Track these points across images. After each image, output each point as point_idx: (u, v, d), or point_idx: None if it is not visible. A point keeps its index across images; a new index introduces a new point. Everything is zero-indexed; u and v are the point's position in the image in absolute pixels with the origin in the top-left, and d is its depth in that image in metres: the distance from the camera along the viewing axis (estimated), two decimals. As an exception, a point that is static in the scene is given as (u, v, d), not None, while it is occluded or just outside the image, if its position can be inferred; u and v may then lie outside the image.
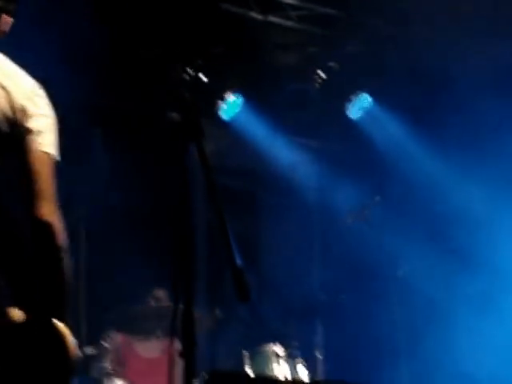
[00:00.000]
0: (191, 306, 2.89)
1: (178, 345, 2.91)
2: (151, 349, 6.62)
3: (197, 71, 3.25)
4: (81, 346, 5.79)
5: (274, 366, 5.86)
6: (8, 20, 3.13)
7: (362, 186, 7.40)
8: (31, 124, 3.04)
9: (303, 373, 5.93)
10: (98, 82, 6.88)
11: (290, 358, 5.96)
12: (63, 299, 3.02)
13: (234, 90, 7.43)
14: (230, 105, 7.49)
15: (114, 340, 6.31)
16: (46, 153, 3.05)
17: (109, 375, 5.86)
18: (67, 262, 3.00)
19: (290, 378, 5.85)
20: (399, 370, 6.64)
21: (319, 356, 6.52)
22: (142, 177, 7.48)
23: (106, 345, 6.07)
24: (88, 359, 6.06)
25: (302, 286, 7.73)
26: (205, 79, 3.31)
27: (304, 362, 6.00)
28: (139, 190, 7.49)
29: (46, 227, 2.99)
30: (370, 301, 7.37)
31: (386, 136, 7.69)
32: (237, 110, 7.53)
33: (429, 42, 7.14)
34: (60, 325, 2.98)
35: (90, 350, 6.01)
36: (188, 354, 2.92)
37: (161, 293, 6.79)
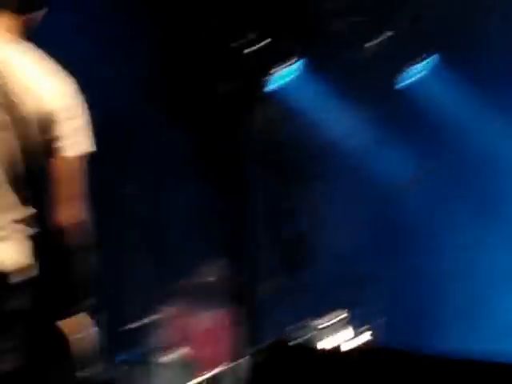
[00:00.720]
0: (253, 275, 2.86)
1: (237, 314, 2.92)
2: (208, 319, 6.63)
3: (250, 42, 3.17)
4: (137, 318, 5.81)
5: (338, 334, 5.86)
6: (32, 17, 3.16)
7: (415, 153, 7.42)
8: (60, 127, 3.03)
9: (367, 340, 5.96)
10: (150, 56, 6.90)
11: (353, 325, 5.96)
12: (83, 295, 3.14)
13: (286, 60, 7.32)
14: (283, 74, 7.38)
15: (170, 311, 6.39)
16: (75, 156, 3.06)
17: (160, 347, 5.95)
18: (92, 259, 3.12)
19: (354, 345, 5.81)
20: (463, 336, 6.64)
21: (382, 323, 6.46)
22: (196, 149, 7.50)
23: (162, 316, 6.15)
24: (146, 331, 6.15)
25: (356, 255, 7.69)
26: (257, 49, 3.24)
27: (368, 330, 6.02)
28: (193, 162, 7.51)
29: (71, 229, 3.04)
30: (428, 268, 7.33)
31: (439, 103, 7.64)
32: (289, 80, 7.44)
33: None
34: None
35: (146, 322, 6.12)
36: (249, 323, 2.91)
37: (214, 265, 6.84)
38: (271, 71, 7.27)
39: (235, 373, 2.87)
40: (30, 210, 3.00)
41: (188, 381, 5.73)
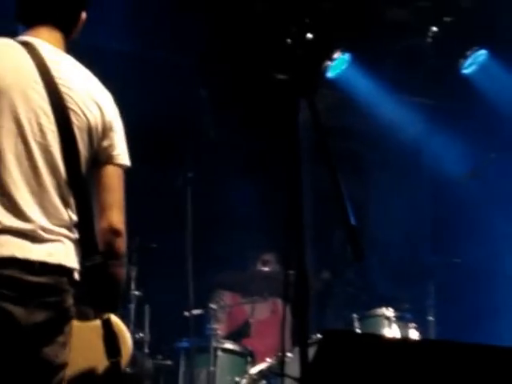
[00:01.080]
0: (304, 268, 2.93)
1: (289, 307, 2.97)
2: (260, 310, 6.74)
3: (304, 30, 3.26)
4: (190, 308, 5.94)
5: (385, 329, 5.84)
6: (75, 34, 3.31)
7: (475, 143, 7.28)
8: (113, 137, 3.16)
9: (415, 336, 5.87)
10: (207, 45, 7.00)
11: (401, 322, 5.91)
12: (118, 299, 3.19)
13: (342, 48, 7.39)
14: (338, 63, 7.44)
15: (223, 301, 6.47)
16: (119, 165, 3.18)
17: (217, 336, 5.95)
18: (125, 266, 3.24)
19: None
20: None
21: (431, 319, 6.43)
22: (250, 137, 7.55)
23: (214, 306, 6.16)
24: (197, 321, 6.14)
25: (412, 248, 7.69)
26: (312, 37, 3.31)
27: (416, 326, 5.94)
28: (246, 151, 7.58)
29: (116, 235, 3.13)
30: (484, 261, 7.26)
31: (501, 91, 7.50)
32: (344, 68, 7.47)
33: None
34: (119, 321, 3.17)
35: (198, 312, 6.11)
36: (301, 316, 2.96)
37: (269, 256, 6.92)
38: (327, 60, 7.39)
39: (297, 360, 2.94)
40: (75, 216, 3.06)
41: (248, 368, 5.82)
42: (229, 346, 5.92)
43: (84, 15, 3.30)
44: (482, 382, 3.01)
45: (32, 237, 2.93)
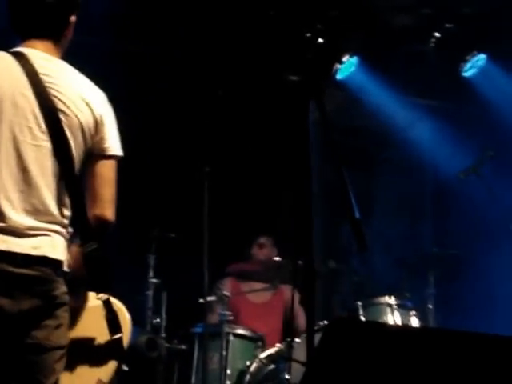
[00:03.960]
0: (311, 258, 2.93)
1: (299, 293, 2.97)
2: (262, 295, 6.73)
3: (315, 35, 3.25)
4: (204, 294, 5.95)
5: (388, 316, 5.83)
6: (66, 43, 3.34)
7: (475, 142, 7.23)
8: (104, 132, 3.20)
9: (416, 323, 5.87)
10: (217, 46, 6.97)
11: (403, 309, 5.90)
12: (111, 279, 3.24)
13: (350, 52, 7.37)
14: (346, 65, 7.42)
15: (225, 287, 6.47)
16: (111, 156, 3.22)
17: (228, 322, 5.93)
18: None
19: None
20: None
21: (431, 307, 6.42)
22: (261, 135, 7.55)
23: (226, 293, 6.16)
24: (209, 307, 6.15)
25: (414, 240, 7.68)
26: (322, 41, 3.31)
27: (416, 313, 5.93)
28: (259, 147, 7.58)
29: (106, 225, 3.20)
30: (482, 254, 7.22)
31: (500, 94, 7.47)
32: (352, 71, 7.45)
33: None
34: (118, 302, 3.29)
35: (210, 299, 6.08)
36: (309, 303, 2.97)
37: (265, 240, 6.89)
38: (335, 63, 7.35)
39: (304, 345, 2.94)
40: (68, 212, 3.13)
41: (259, 352, 5.81)
42: (240, 331, 5.91)
43: (73, 18, 3.33)
44: (479, 369, 3.01)
45: (15, 233, 2.99)
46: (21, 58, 3.14)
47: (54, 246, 3.06)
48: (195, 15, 6.76)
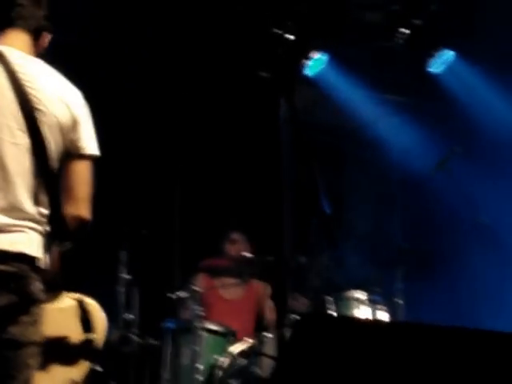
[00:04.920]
0: (282, 254, 2.95)
1: (265, 288, 2.98)
2: (234, 290, 6.73)
3: (285, 32, 3.26)
4: (175, 289, 5.94)
5: (356, 310, 5.87)
6: (49, 37, 3.35)
7: (443, 138, 7.30)
8: (80, 131, 3.21)
9: (384, 318, 5.92)
10: (187, 44, 6.95)
11: (373, 304, 5.95)
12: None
13: (319, 48, 7.36)
14: (316, 62, 7.41)
15: (197, 283, 6.41)
16: (86, 155, 3.23)
17: (200, 317, 5.90)
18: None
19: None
20: (481, 317, 6.57)
21: (400, 302, 6.43)
22: (232, 132, 7.56)
23: (197, 288, 6.17)
24: (181, 302, 6.18)
25: (383, 236, 7.72)
26: (292, 38, 3.32)
27: (385, 308, 5.98)
28: (229, 144, 7.58)
29: (82, 224, 3.21)
30: (451, 248, 7.30)
31: (467, 90, 7.54)
32: (322, 68, 7.44)
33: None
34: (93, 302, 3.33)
35: (182, 294, 6.11)
36: (280, 297, 2.99)
37: (236, 235, 6.89)
38: (305, 60, 7.33)
39: (275, 340, 2.96)
40: (45, 210, 3.12)
41: (230, 347, 5.77)
42: (212, 326, 5.89)
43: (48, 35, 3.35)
44: (447, 361, 3.04)
45: None
46: None
47: (30, 242, 3.06)
48: (163, 14, 6.75)
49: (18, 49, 3.21)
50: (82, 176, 3.20)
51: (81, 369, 3.24)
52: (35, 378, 3.09)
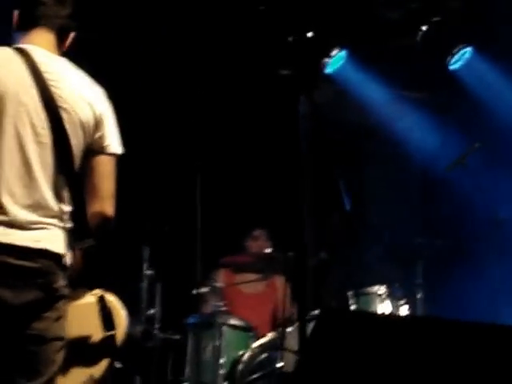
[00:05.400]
0: (304, 249, 2.94)
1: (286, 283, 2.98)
2: (254, 287, 6.75)
3: (304, 29, 3.26)
4: (197, 285, 5.96)
5: (378, 306, 5.89)
6: (73, 36, 3.36)
7: (461, 134, 7.27)
8: (104, 129, 3.22)
9: (405, 312, 5.93)
10: (209, 41, 6.96)
11: (393, 299, 5.96)
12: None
13: (339, 46, 7.36)
14: (335, 60, 7.41)
15: (219, 278, 6.50)
16: (110, 154, 3.24)
17: (221, 312, 5.98)
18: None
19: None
20: (500, 312, 6.51)
21: (420, 296, 6.43)
22: (254, 129, 7.56)
23: (219, 284, 6.18)
24: (202, 298, 6.26)
25: (403, 231, 7.70)
26: (311, 36, 3.31)
27: (406, 302, 6.00)
28: (250, 141, 7.59)
29: (106, 221, 3.22)
30: (470, 243, 7.28)
31: (486, 86, 7.48)
32: (341, 64, 7.45)
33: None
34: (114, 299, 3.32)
35: (204, 290, 6.16)
36: (301, 293, 2.99)
37: (259, 232, 6.92)
38: (325, 57, 7.35)
39: (296, 335, 2.96)
40: (68, 207, 3.15)
41: (252, 342, 5.83)
42: (233, 321, 5.93)
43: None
44: (467, 356, 3.03)
45: (17, 226, 3.01)
46: (23, 55, 3.14)
47: (54, 239, 3.08)
48: (179, 12, 6.74)
49: (42, 47, 3.22)
50: (105, 173, 3.22)
51: (101, 366, 3.24)
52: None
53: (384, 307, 5.89)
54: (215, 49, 7.07)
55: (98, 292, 3.25)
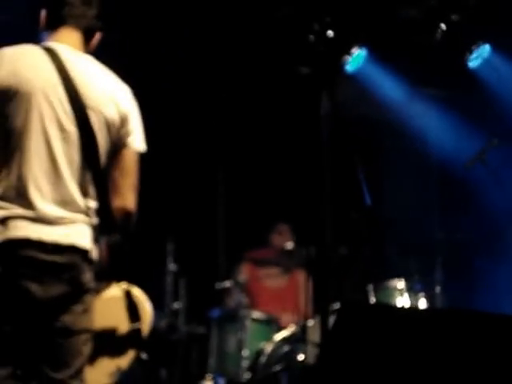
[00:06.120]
0: (324, 244, 2.96)
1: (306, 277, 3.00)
2: (277, 280, 6.78)
3: (325, 28, 3.27)
4: (220, 279, 5.99)
5: (397, 299, 5.90)
6: (99, 36, 3.37)
7: (480, 130, 7.21)
8: (128, 126, 3.24)
9: (424, 305, 5.94)
10: (231, 41, 6.98)
11: (412, 292, 5.96)
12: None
13: (360, 44, 7.32)
14: (355, 57, 7.37)
15: (242, 272, 6.52)
16: (134, 149, 3.26)
17: (244, 306, 6.03)
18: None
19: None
20: None
21: (438, 290, 6.41)
22: (277, 127, 7.57)
23: (242, 278, 6.20)
24: (226, 292, 6.31)
25: (422, 226, 7.69)
26: (331, 34, 3.31)
27: (425, 296, 5.99)
28: (272, 138, 7.60)
29: (129, 215, 3.24)
30: (488, 239, 7.24)
31: (504, 83, 7.41)
32: (362, 62, 7.40)
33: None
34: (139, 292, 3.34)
35: (227, 284, 6.23)
36: (322, 286, 3.00)
37: (284, 227, 6.93)
38: (345, 55, 7.29)
39: (318, 328, 2.98)
40: (93, 203, 3.17)
41: (273, 334, 5.86)
42: (256, 314, 5.97)
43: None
44: (487, 347, 3.03)
45: (45, 222, 3.04)
46: (51, 53, 3.16)
47: (82, 234, 3.11)
48: (200, 14, 6.74)
49: (69, 46, 3.24)
50: (127, 169, 3.23)
51: (127, 357, 3.29)
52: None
53: (403, 301, 5.90)
54: (238, 49, 7.08)
55: (123, 286, 3.28)
